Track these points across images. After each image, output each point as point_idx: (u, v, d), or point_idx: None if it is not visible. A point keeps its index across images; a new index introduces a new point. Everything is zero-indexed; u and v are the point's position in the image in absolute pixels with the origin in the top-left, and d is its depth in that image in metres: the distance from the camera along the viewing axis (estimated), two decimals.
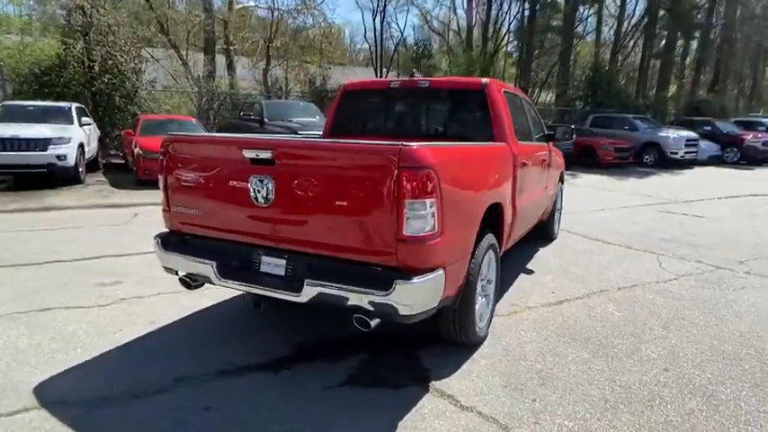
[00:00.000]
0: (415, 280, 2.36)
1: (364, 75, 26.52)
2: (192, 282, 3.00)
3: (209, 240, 2.94)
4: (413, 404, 2.62)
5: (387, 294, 2.35)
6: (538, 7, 24.75)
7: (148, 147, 9.80)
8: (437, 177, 2.38)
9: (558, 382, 2.86)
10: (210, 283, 2.86)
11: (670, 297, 4.29)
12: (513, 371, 2.98)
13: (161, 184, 3.03)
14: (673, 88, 28.42)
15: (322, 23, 21.36)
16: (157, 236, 3.09)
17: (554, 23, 28.11)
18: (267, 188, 2.61)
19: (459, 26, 31.50)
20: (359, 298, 2.42)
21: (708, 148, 17.69)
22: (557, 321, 3.72)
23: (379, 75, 28.00)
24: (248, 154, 2.62)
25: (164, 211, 3.09)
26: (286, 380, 2.83)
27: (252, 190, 2.65)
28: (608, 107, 20.85)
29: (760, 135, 18.71)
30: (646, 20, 25.41)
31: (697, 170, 16.16)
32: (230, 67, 20.20)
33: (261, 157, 2.59)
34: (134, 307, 3.81)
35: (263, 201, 2.63)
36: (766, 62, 28.39)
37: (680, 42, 27.34)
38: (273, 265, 2.75)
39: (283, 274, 2.71)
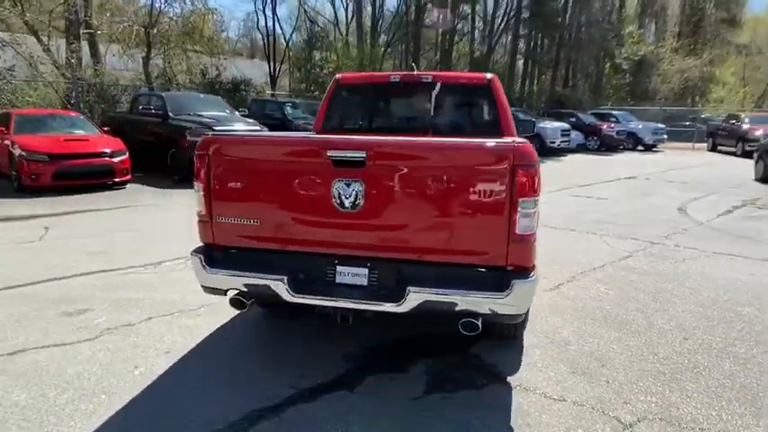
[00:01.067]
0: (529, 279, 2.35)
1: (251, 67, 25.28)
2: (246, 301, 2.65)
3: (269, 253, 2.62)
4: (508, 402, 2.61)
5: (505, 296, 2.30)
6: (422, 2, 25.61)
7: (33, 147, 8.39)
8: (539, 175, 2.38)
9: (614, 362, 3.05)
10: (276, 301, 2.55)
11: (639, 273, 4.79)
12: (568, 357, 3.11)
13: (200, 192, 2.61)
14: (535, 84, 31.48)
15: (201, 8, 19.79)
16: (197, 251, 2.67)
17: None
18: (355, 192, 2.39)
19: (347, 19, 31.61)
20: (472, 302, 2.34)
21: (576, 137, 19.93)
22: (567, 304, 3.96)
23: (272, 68, 26.82)
24: (333, 155, 2.37)
25: (202, 222, 2.68)
26: (365, 397, 2.64)
27: (335, 195, 2.41)
28: None
29: (613, 125, 21.55)
30: (513, 20, 27.73)
31: (570, 157, 18.13)
32: (95, 54, 17.84)
33: (350, 158, 2.36)
34: (132, 337, 3.25)
35: (349, 206, 2.41)
36: (605, 61, 32.67)
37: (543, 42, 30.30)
38: (352, 274, 2.54)
39: (366, 283, 2.52)
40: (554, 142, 18.19)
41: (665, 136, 22.47)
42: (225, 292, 2.67)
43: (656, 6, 40.82)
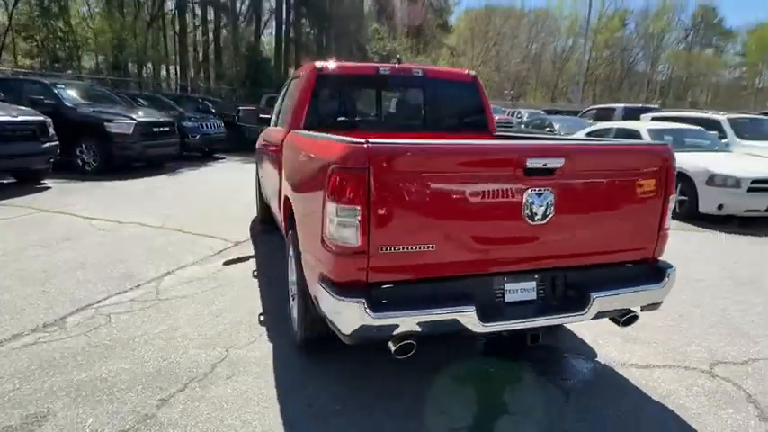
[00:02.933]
0: (674, 267, 2.59)
1: None
2: (415, 343, 2.19)
3: (445, 281, 2.21)
4: (639, 380, 2.84)
5: (663, 286, 2.50)
6: None
7: None
8: None
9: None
10: (461, 334, 2.19)
11: None
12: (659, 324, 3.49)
13: (356, 219, 2.02)
14: None
15: None
16: (358, 298, 2.05)
17: None
18: (547, 202, 2.22)
19: None
20: (642, 297, 2.46)
21: None
22: None
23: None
24: (533, 164, 2.15)
25: (353, 256, 2.07)
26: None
27: (525, 206, 2.19)
28: (266, 87, 22.03)
29: None
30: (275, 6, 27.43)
31: None
32: None
33: (544, 166, 2.18)
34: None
35: (540, 218, 2.23)
36: (359, 54, 35.36)
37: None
38: (522, 290, 2.37)
39: (534, 297, 2.39)
40: None
41: None
42: (390, 338, 2.15)
43: (388, 9, 45.93)
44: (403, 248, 2.10)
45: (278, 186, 3.61)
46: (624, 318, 2.50)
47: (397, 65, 3.82)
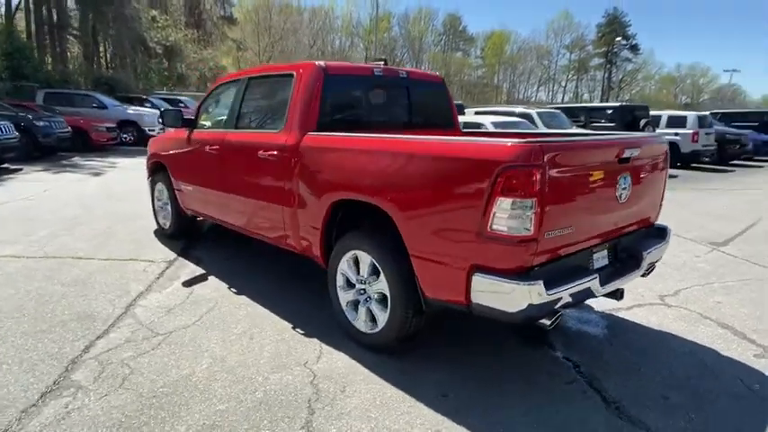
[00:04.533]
0: (669, 227, 3.44)
1: None
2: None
3: (573, 257, 2.59)
4: (627, 317, 3.65)
5: (666, 242, 3.33)
6: None
7: None
8: None
9: None
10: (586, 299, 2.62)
11: None
12: None
13: (532, 211, 2.26)
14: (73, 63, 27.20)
15: None
16: (533, 280, 2.30)
17: None
18: (628, 184, 2.79)
19: None
20: (659, 252, 3.24)
21: None
22: None
23: None
24: (627, 154, 2.68)
25: (525, 243, 2.31)
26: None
27: (618, 189, 2.73)
28: (27, 79, 18.51)
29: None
30: None
31: None
32: None
33: (630, 155, 2.74)
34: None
35: (624, 198, 2.79)
36: (139, 44, 31.67)
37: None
38: (601, 258, 2.91)
39: (607, 262, 2.96)
40: (153, 130, 17.04)
41: None
42: (554, 312, 2.45)
43: None
44: (557, 232, 2.42)
45: (293, 196, 3.44)
46: (648, 271, 3.25)
47: (383, 66, 3.95)
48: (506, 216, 2.28)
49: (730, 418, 2.51)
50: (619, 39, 67.82)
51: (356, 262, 3.12)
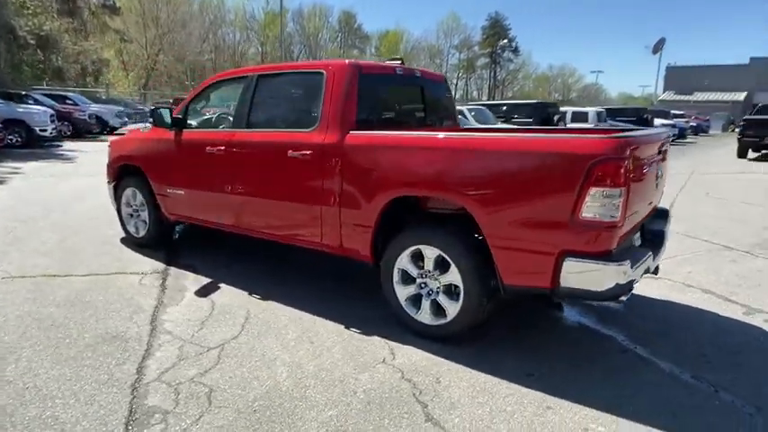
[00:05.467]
0: (668, 208, 3.92)
1: None
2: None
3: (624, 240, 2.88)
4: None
5: (670, 222, 3.80)
6: None
7: None
8: None
9: None
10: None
11: None
12: None
13: (621, 199, 2.51)
14: None
15: None
16: (623, 260, 2.56)
17: None
18: (660, 172, 3.18)
19: None
20: (669, 230, 3.69)
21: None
22: None
23: None
24: (665, 146, 3.05)
25: (613, 228, 2.55)
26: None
27: (657, 177, 3.10)
28: None
29: (80, 108, 19.83)
30: None
31: (71, 144, 15.98)
32: None
33: (663, 147, 3.11)
34: None
35: (657, 184, 3.17)
36: (7, 33, 27.89)
37: None
38: (637, 239, 3.28)
39: (641, 242, 3.33)
40: (45, 130, 15.24)
41: (127, 119, 22.72)
42: (630, 289, 2.72)
43: None
44: (628, 218, 2.70)
45: (333, 195, 3.41)
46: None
47: (402, 65, 4.01)
48: (597, 204, 2.50)
49: (761, 365, 2.98)
50: (505, 41, 72.73)
51: (418, 257, 3.18)
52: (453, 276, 3.02)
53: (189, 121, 4.55)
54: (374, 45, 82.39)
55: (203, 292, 3.97)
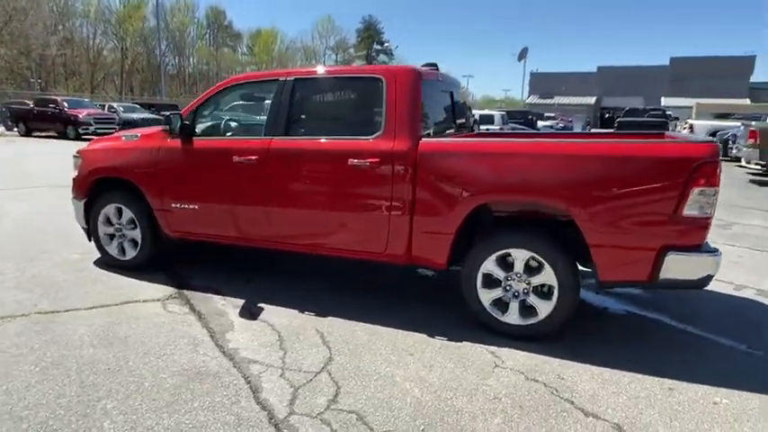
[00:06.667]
0: None
1: None
2: None
3: None
4: None
5: None
6: None
7: None
8: None
9: None
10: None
11: None
12: None
13: (715, 197, 2.87)
14: None
15: None
16: (713, 252, 2.92)
17: None
18: None
19: None
20: None
21: None
22: None
23: None
24: None
25: (708, 222, 2.91)
26: None
27: None
28: None
29: None
30: None
31: None
32: None
33: None
34: None
35: None
36: None
37: None
38: None
39: None
40: None
41: None
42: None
43: None
44: None
45: (405, 204, 3.38)
46: None
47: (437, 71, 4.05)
48: (698, 202, 2.84)
49: None
50: (387, 44, 74.84)
51: (504, 261, 3.28)
52: (547, 277, 3.17)
53: (203, 129, 4.14)
54: (245, 44, 79.64)
55: (248, 314, 3.64)
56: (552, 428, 2.40)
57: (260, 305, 3.79)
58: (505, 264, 3.29)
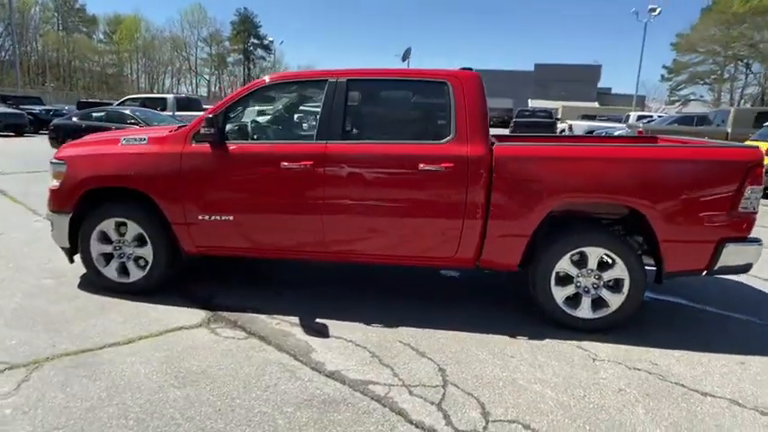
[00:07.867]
0: None
1: None
2: None
3: None
4: None
5: None
6: None
7: None
8: None
9: None
10: None
11: None
12: None
13: (760, 195, 3.31)
14: None
15: None
16: (760, 242, 3.37)
17: None
18: None
19: None
20: None
21: None
22: None
23: None
24: None
25: (754, 216, 3.35)
26: None
27: None
28: None
29: None
30: None
31: None
32: None
33: None
34: None
35: None
36: None
37: None
38: None
39: None
40: None
41: None
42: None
43: None
44: None
45: (479, 208, 3.40)
46: None
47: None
48: (750, 199, 3.26)
49: None
50: (266, 39, 72.28)
51: (580, 258, 3.45)
52: (618, 272, 3.41)
53: (235, 132, 3.73)
54: (102, 30, 71.88)
55: (313, 331, 3.38)
56: (690, 412, 2.60)
57: (318, 320, 3.53)
58: (577, 261, 3.46)
